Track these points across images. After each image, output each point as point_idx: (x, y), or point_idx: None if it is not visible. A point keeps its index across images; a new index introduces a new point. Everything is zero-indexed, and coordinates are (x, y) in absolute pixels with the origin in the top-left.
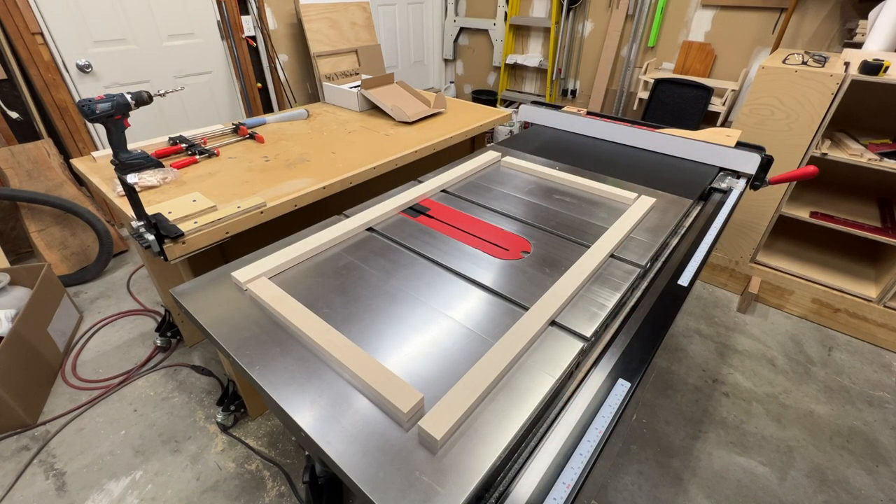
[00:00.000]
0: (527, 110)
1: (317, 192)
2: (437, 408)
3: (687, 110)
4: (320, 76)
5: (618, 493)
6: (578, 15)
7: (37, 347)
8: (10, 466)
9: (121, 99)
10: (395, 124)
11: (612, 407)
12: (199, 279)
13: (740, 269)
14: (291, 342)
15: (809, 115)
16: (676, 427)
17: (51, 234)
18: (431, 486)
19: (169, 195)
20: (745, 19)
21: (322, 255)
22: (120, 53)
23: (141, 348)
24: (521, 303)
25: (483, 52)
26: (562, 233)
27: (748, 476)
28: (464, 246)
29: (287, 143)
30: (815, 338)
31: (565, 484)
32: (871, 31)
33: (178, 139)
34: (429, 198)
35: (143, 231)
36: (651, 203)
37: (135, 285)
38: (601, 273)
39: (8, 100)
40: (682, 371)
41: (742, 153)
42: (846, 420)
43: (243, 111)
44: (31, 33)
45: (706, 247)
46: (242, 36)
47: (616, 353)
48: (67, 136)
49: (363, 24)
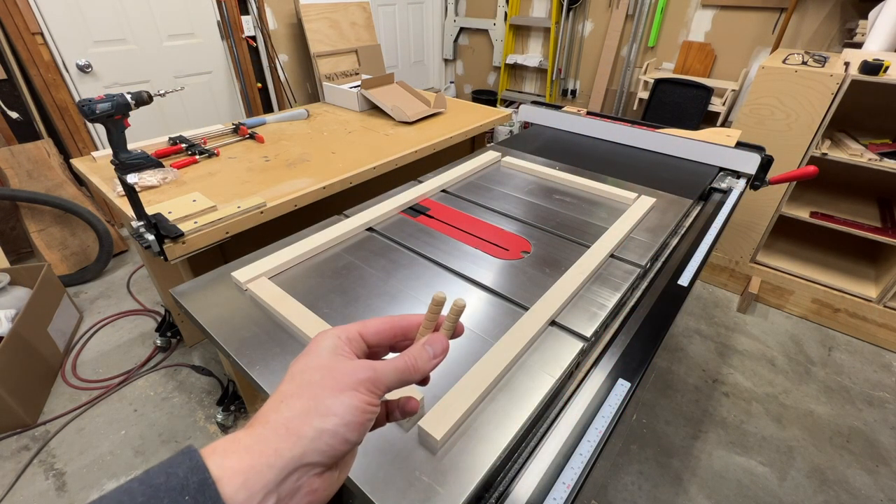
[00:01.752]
0: (527, 110)
1: (317, 192)
2: (437, 408)
3: (687, 110)
4: (320, 76)
5: (618, 493)
6: (578, 15)
7: (37, 347)
8: (10, 466)
9: (121, 99)
10: (395, 124)
11: (612, 407)
12: (199, 279)
13: (740, 269)
14: (291, 342)
15: (809, 114)
16: (676, 427)
17: (51, 234)
18: (431, 486)
19: (169, 195)
20: (745, 19)
21: (322, 255)
22: (120, 53)
23: (141, 348)
24: (521, 303)
25: (483, 52)
26: (562, 233)
27: (748, 476)
28: (464, 246)
29: (287, 143)
30: (815, 338)
31: (565, 484)
32: (871, 31)
33: (178, 139)
34: (429, 198)
35: (143, 231)
36: (651, 203)
37: (135, 285)
38: (601, 273)
39: (8, 100)
40: (682, 371)
41: (742, 153)
42: (846, 420)
43: (243, 111)
44: (31, 33)
45: (706, 247)
46: (242, 36)
47: (616, 353)
48: (67, 136)
49: (363, 24)
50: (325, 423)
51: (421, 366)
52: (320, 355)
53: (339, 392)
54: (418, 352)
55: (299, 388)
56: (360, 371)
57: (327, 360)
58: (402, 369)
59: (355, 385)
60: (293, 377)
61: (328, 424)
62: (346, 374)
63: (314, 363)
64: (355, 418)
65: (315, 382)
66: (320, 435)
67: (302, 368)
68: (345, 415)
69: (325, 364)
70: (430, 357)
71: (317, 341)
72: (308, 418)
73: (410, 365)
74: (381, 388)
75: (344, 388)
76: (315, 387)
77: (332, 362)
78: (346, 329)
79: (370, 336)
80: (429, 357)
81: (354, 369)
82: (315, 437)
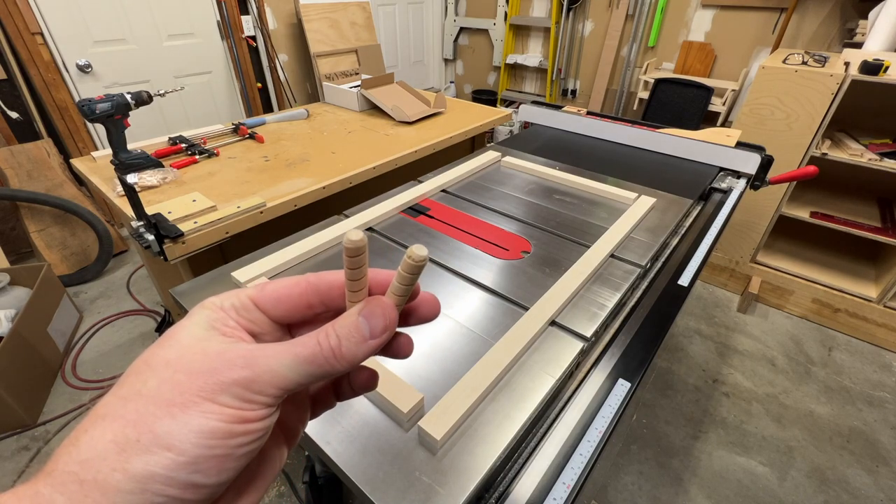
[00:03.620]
0: (527, 110)
1: (317, 192)
2: (437, 408)
3: (687, 110)
4: (320, 76)
5: (618, 493)
6: (578, 15)
7: (37, 347)
8: (10, 466)
9: (121, 99)
10: (395, 124)
11: (612, 407)
12: (198, 279)
13: (740, 269)
14: None
15: (809, 114)
16: (676, 427)
17: (51, 234)
18: (431, 487)
19: (169, 195)
20: (745, 19)
21: (322, 255)
22: (120, 53)
23: (141, 348)
24: (521, 303)
25: (483, 51)
26: (562, 233)
27: (748, 476)
28: (464, 246)
29: (287, 143)
30: (815, 338)
31: (565, 484)
32: (871, 31)
33: (178, 139)
34: (429, 198)
35: (143, 231)
36: (651, 203)
37: (135, 285)
38: (601, 273)
39: (8, 100)
40: (682, 371)
41: (742, 153)
42: (846, 420)
43: (243, 111)
44: (31, 33)
45: (706, 247)
46: (242, 36)
47: (616, 353)
48: (67, 136)
49: (363, 24)
50: (151, 462)
51: (347, 350)
52: (180, 340)
53: (184, 407)
54: (344, 327)
55: (122, 401)
56: (226, 367)
57: (186, 349)
58: (308, 358)
59: (215, 391)
60: (122, 381)
61: (157, 466)
62: (203, 374)
63: (162, 355)
64: (210, 450)
65: (148, 391)
66: (144, 484)
67: (141, 366)
68: (189, 447)
69: (179, 356)
70: (364, 336)
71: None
72: (122, 457)
73: (326, 350)
74: (266, 393)
75: (193, 398)
76: (145, 399)
77: (191, 352)
78: (232, 295)
79: (268, 304)
80: (362, 336)
81: (216, 365)
82: (134, 489)
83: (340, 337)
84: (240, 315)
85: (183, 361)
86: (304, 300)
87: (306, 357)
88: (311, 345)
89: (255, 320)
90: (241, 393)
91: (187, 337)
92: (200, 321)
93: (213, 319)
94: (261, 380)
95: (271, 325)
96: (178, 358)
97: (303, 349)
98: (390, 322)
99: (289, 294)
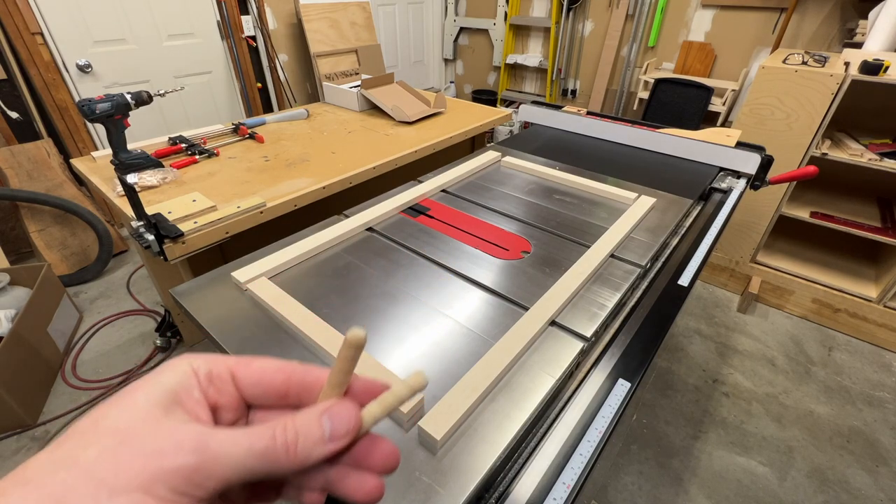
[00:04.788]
0: (527, 110)
1: (317, 192)
2: (437, 408)
3: (687, 110)
4: (320, 76)
5: (618, 493)
6: (578, 15)
7: (37, 347)
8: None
9: (121, 99)
10: (395, 124)
11: (612, 407)
12: (198, 279)
13: (740, 269)
14: (291, 342)
15: (809, 114)
16: (676, 427)
17: (51, 234)
18: (431, 487)
19: (169, 195)
20: (745, 19)
21: (322, 255)
22: (120, 53)
23: (141, 348)
24: (521, 303)
25: (483, 51)
26: (562, 233)
27: (748, 476)
28: (464, 246)
29: (287, 143)
30: (815, 338)
31: (565, 484)
32: (871, 31)
33: (178, 139)
34: (429, 198)
35: (143, 231)
36: (651, 203)
37: (135, 285)
38: (601, 273)
39: (8, 100)
40: (682, 371)
41: (742, 153)
42: (846, 420)
43: (243, 111)
44: (31, 33)
45: (706, 247)
46: (242, 36)
47: (616, 353)
48: (67, 136)
49: (363, 24)
50: None
51: (301, 449)
52: (136, 402)
53: (112, 493)
54: (304, 424)
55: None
56: (173, 450)
57: (139, 419)
58: (261, 452)
59: (153, 479)
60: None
61: None
62: (145, 457)
63: (113, 419)
64: None
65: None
66: None
67: (88, 426)
68: None
69: (128, 425)
70: (324, 437)
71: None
72: None
73: (280, 445)
74: (205, 486)
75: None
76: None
77: (143, 423)
78: (213, 360)
79: (246, 382)
80: (321, 437)
81: (164, 446)
82: None
83: (299, 433)
84: (211, 384)
85: (131, 433)
86: (282, 389)
87: (259, 451)
88: (267, 437)
89: (225, 393)
90: (177, 485)
91: (145, 402)
92: (167, 384)
93: (180, 386)
94: (205, 468)
95: (239, 401)
96: (128, 428)
97: (258, 441)
98: (353, 427)
99: (271, 381)
